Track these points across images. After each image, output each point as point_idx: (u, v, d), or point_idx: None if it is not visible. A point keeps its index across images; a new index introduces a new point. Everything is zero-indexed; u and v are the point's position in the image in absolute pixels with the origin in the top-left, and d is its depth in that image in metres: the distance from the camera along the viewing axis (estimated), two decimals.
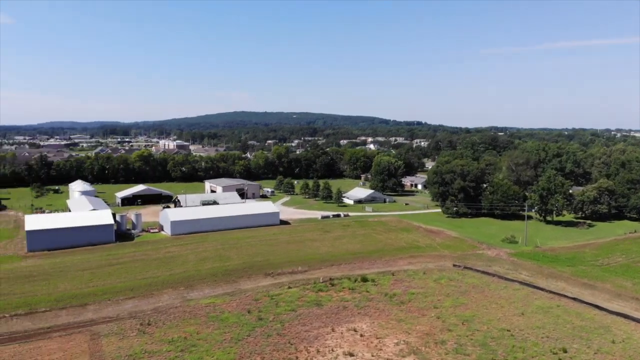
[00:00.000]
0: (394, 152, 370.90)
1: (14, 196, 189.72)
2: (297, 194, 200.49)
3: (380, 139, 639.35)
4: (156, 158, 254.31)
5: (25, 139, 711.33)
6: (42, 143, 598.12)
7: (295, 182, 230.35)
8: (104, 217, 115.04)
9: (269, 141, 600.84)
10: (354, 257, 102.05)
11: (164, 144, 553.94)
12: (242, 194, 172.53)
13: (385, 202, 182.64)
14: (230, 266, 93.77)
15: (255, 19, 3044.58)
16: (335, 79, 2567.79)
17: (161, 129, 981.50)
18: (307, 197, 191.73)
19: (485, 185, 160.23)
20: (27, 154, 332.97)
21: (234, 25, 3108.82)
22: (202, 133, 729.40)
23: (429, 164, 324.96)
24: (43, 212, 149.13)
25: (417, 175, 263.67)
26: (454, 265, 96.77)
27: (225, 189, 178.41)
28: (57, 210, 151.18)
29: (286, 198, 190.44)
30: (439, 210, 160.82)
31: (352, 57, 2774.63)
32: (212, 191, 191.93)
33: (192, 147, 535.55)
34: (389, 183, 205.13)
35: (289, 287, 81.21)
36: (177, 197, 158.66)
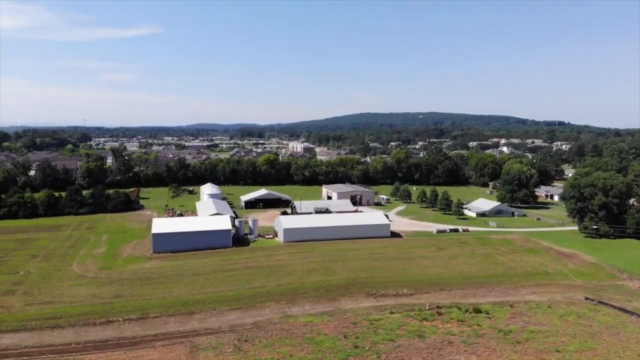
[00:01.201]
0: (529, 156, 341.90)
1: (154, 195, 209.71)
2: (413, 202, 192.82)
3: (514, 140, 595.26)
4: (281, 162, 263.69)
5: (173, 139, 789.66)
6: (186, 144, 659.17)
7: (414, 188, 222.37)
8: (222, 222, 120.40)
9: (392, 143, 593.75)
10: (467, 281, 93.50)
11: (293, 146, 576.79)
12: (356, 202, 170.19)
13: (513, 215, 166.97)
14: (334, 281, 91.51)
15: (379, 18, 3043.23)
16: (466, 75, 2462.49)
17: (292, 131, 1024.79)
18: (423, 206, 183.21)
19: (632, 202, 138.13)
20: (171, 155, 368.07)
21: (364, 25, 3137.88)
22: (328, 135, 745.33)
23: (569, 172, 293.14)
24: (174, 213, 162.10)
25: (554, 184, 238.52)
26: (586, 299, 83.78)
27: (340, 195, 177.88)
28: (187, 212, 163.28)
29: (401, 207, 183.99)
30: (575, 227, 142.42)
31: (483, 48, 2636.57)
32: (328, 197, 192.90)
33: (317, 149, 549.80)
34: (518, 194, 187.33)
35: (391, 312, 76.34)
36: (293, 202, 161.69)
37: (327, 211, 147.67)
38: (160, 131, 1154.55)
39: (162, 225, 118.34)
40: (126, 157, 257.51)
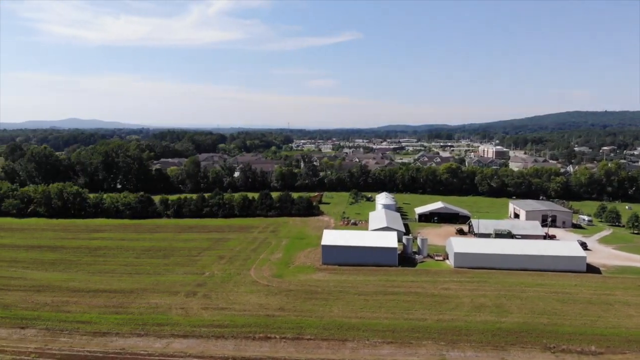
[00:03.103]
0: None
1: (335, 200, 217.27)
2: (623, 226, 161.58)
3: None
4: (464, 171, 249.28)
5: (363, 142, 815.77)
6: (374, 146, 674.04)
7: (627, 207, 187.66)
8: (389, 239, 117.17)
9: (604, 148, 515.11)
10: None
11: (483, 150, 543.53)
12: (547, 223, 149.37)
13: None
14: (505, 324, 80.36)
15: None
16: None
17: (484, 133, 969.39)
18: (636, 232, 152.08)
19: None
20: (356, 159, 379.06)
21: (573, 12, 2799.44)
22: (526, 137, 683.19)
23: None
24: (349, 221, 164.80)
25: None
26: None
27: (529, 214, 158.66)
28: (360, 221, 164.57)
29: (606, 232, 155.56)
30: None
31: None
32: (515, 214, 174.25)
33: (511, 153, 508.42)
34: None
35: None
36: (471, 220, 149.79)
37: (509, 234, 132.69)
38: (353, 133, 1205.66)
39: (332, 237, 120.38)
40: (314, 163, 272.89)
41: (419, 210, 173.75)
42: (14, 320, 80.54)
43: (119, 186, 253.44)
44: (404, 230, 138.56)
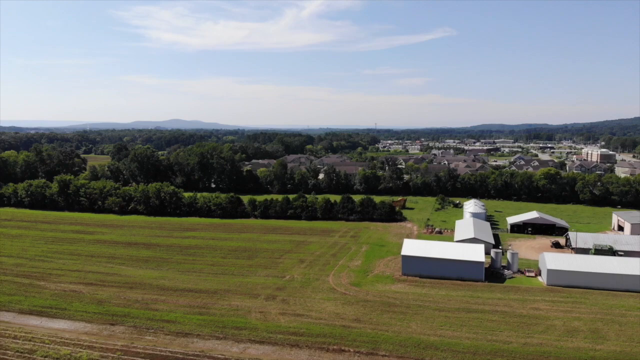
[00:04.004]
0: None
1: (420, 205, 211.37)
2: None
3: None
4: (563, 177, 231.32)
5: (454, 142, 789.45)
6: (466, 147, 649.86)
7: None
8: (475, 253, 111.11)
9: None
10: None
11: (587, 152, 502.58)
12: None
13: None
14: (600, 354, 72.46)
15: None
16: None
17: (589, 134, 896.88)
18: None
19: None
20: (445, 162, 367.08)
21: None
22: (635, 139, 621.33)
23: None
24: (433, 229, 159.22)
25: None
26: None
27: (635, 227, 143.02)
28: (446, 230, 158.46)
29: None
30: None
31: None
32: (619, 227, 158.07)
33: (618, 157, 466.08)
34: None
35: None
36: (568, 233, 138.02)
37: (610, 250, 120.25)
38: (443, 133, 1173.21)
39: (413, 247, 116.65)
40: (399, 166, 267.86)
41: (511, 219, 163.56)
42: (105, 316, 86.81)
43: (213, 185, 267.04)
44: (492, 241, 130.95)
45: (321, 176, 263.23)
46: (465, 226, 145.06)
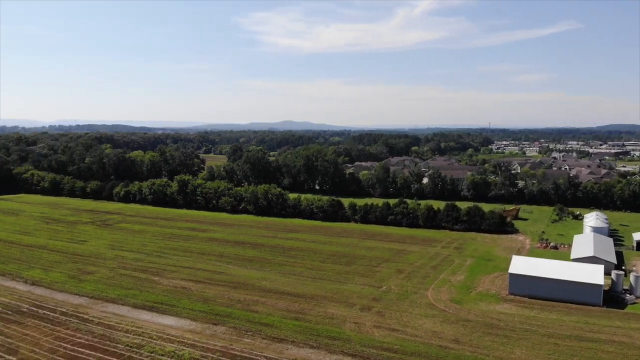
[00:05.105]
0: None
1: (534, 216, 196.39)
2: None
3: None
4: None
5: (577, 144, 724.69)
6: (591, 150, 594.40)
7: None
8: (592, 274, 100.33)
9: None
10: None
11: None
12: None
13: None
14: None
15: None
16: None
17: None
18: None
19: None
20: (566, 167, 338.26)
21: None
22: None
23: None
24: (548, 244, 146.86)
25: None
26: None
27: None
28: (562, 245, 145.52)
29: None
30: None
31: None
32: None
33: None
34: None
35: None
36: None
37: None
38: (565, 134, 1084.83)
39: (522, 264, 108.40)
40: (512, 172, 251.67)
41: (638, 236, 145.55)
42: (209, 315, 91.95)
43: (317, 187, 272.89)
44: (614, 261, 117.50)
45: (425, 180, 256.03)
46: (584, 242, 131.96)
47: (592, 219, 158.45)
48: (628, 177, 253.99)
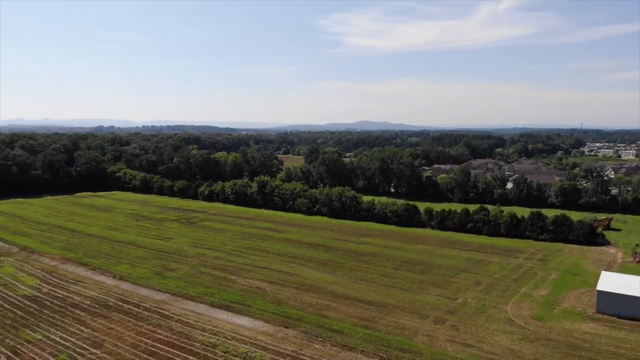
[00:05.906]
0: None
1: (628, 227, 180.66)
2: None
3: None
4: None
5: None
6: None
7: None
8: None
9: None
10: None
11: None
12: None
13: None
14: None
15: None
16: None
17: None
18: None
19: None
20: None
21: None
22: None
23: None
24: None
25: None
26: None
27: None
28: None
29: None
30: None
31: None
32: None
33: None
34: None
35: None
36: None
37: None
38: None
39: (611, 281, 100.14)
40: (604, 178, 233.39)
41: None
42: (282, 317, 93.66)
43: (392, 190, 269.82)
44: None
45: (509, 185, 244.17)
46: None
47: None
48: None
